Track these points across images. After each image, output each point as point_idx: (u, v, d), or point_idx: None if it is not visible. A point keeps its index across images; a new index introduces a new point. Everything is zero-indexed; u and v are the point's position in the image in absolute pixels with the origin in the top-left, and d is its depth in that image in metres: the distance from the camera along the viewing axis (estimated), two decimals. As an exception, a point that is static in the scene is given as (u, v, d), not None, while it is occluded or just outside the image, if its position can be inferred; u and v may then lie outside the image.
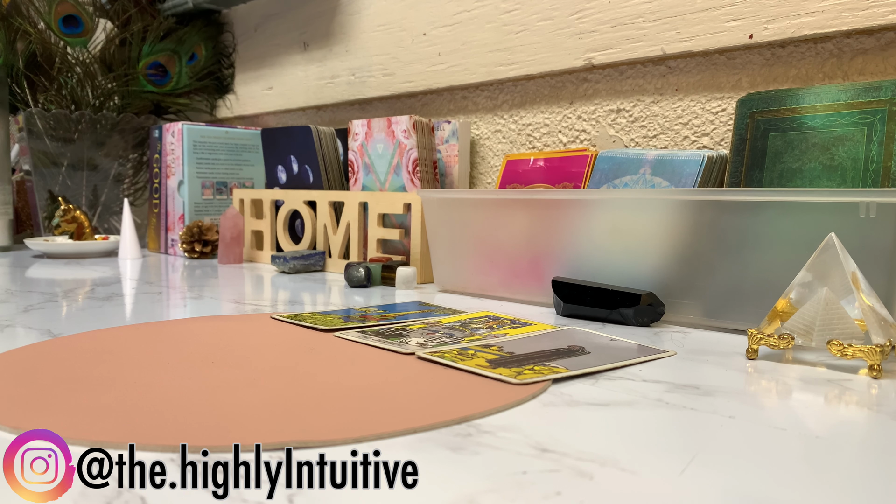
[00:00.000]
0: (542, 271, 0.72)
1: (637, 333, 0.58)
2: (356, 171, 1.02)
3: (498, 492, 0.27)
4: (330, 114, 1.36)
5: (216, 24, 1.56)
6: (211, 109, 1.62)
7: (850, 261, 0.48)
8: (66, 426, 0.33)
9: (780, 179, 0.69)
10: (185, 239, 1.17)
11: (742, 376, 0.45)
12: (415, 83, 1.14)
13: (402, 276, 0.84)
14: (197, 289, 0.82)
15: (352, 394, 0.39)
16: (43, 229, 1.37)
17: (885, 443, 0.34)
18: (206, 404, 0.37)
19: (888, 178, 0.63)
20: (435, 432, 0.34)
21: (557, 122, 0.98)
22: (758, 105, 0.72)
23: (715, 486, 0.28)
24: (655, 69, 0.88)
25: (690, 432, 0.35)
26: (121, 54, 1.43)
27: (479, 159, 1.09)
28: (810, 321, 0.48)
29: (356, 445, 0.32)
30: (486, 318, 0.63)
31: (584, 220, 0.68)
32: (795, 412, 0.38)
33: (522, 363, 0.46)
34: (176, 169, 1.24)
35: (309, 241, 1.05)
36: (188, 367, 0.45)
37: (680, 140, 0.86)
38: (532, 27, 0.97)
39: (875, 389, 0.42)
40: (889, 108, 0.64)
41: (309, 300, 0.75)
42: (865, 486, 0.29)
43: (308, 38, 1.35)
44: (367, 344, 0.52)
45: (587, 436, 0.34)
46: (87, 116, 1.37)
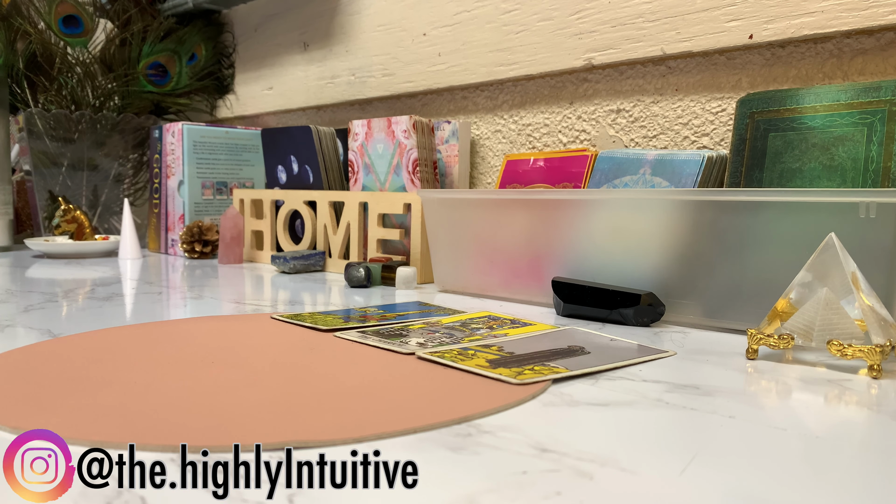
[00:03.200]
0: (542, 271, 0.72)
1: (637, 333, 0.58)
2: (356, 171, 1.02)
3: (498, 492, 0.27)
4: (330, 114, 1.36)
5: (216, 25, 1.56)
6: (211, 109, 1.62)
7: (850, 261, 0.48)
8: (66, 426, 0.33)
9: (780, 179, 0.69)
10: (186, 239, 1.17)
11: (742, 376, 0.45)
12: (415, 83, 1.14)
13: (402, 276, 0.84)
14: (197, 289, 0.82)
15: (352, 394, 0.39)
16: (43, 229, 1.37)
17: (885, 443, 0.34)
18: (206, 404, 0.37)
19: (888, 178, 0.63)
20: (435, 432, 0.34)
21: (557, 122, 0.98)
22: (758, 105, 0.72)
23: (715, 486, 0.28)
24: (655, 69, 0.88)
25: (690, 432, 0.35)
26: (121, 54, 1.43)
27: (479, 159, 1.09)
28: (810, 321, 0.48)
29: (356, 445, 0.32)
30: (486, 318, 0.63)
31: (584, 220, 0.68)
32: (795, 412, 0.38)
33: (522, 363, 0.46)
34: (176, 169, 1.24)
35: (309, 241, 1.05)
36: (188, 367, 0.45)
37: (680, 140, 0.86)
38: (532, 27, 0.97)
39: (875, 389, 0.42)
40: (889, 108, 0.64)
41: (309, 300, 0.75)
42: (865, 486, 0.29)
43: (308, 39, 1.35)
44: (367, 344, 0.52)
45: (587, 436, 0.34)
46: (87, 116, 1.37)
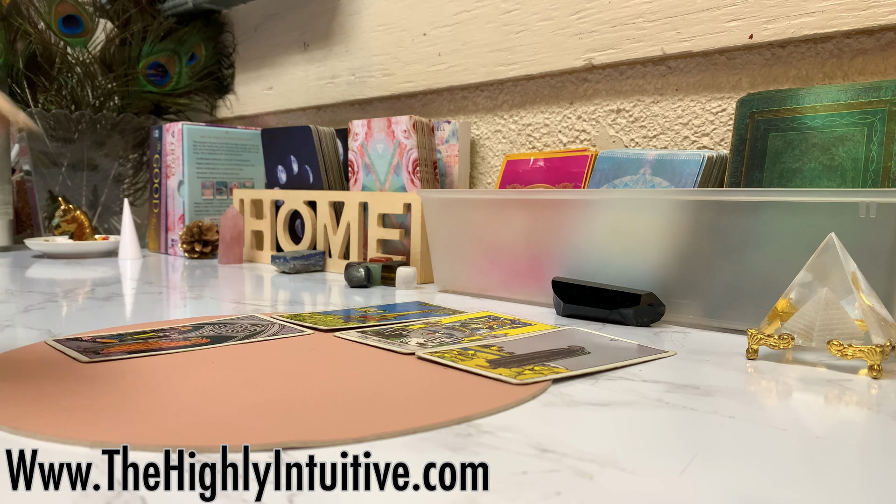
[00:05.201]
0: (542, 271, 0.72)
1: (637, 333, 0.58)
2: (356, 171, 1.02)
3: (498, 492, 0.27)
4: (330, 114, 1.36)
5: (216, 24, 1.56)
6: (211, 109, 1.62)
7: (850, 261, 0.48)
8: (66, 426, 0.33)
9: (780, 179, 0.69)
10: (185, 239, 1.17)
11: (742, 376, 0.45)
12: (415, 83, 1.14)
13: (402, 276, 0.84)
14: (197, 289, 0.82)
15: (352, 394, 0.39)
16: (43, 229, 1.37)
17: (885, 443, 0.34)
18: (206, 404, 0.37)
19: (888, 178, 0.63)
20: (435, 432, 0.34)
21: (557, 122, 0.98)
22: (758, 105, 0.72)
23: (715, 487, 0.28)
24: (655, 69, 0.88)
25: (690, 432, 0.35)
26: (121, 54, 1.43)
27: (479, 159, 1.09)
28: (810, 321, 0.48)
29: (356, 445, 0.32)
30: (486, 319, 0.63)
31: (584, 220, 0.68)
32: (795, 412, 0.38)
33: (522, 363, 0.46)
34: (176, 169, 1.24)
35: (309, 241, 1.05)
36: (188, 367, 0.45)
37: (680, 140, 0.86)
38: (532, 27, 0.97)
39: (875, 389, 0.42)
40: (889, 108, 0.64)
41: (309, 300, 0.75)
42: (865, 486, 0.29)
43: (308, 38, 1.35)
44: (367, 344, 0.52)
45: (587, 436, 0.34)
46: (87, 116, 1.37)
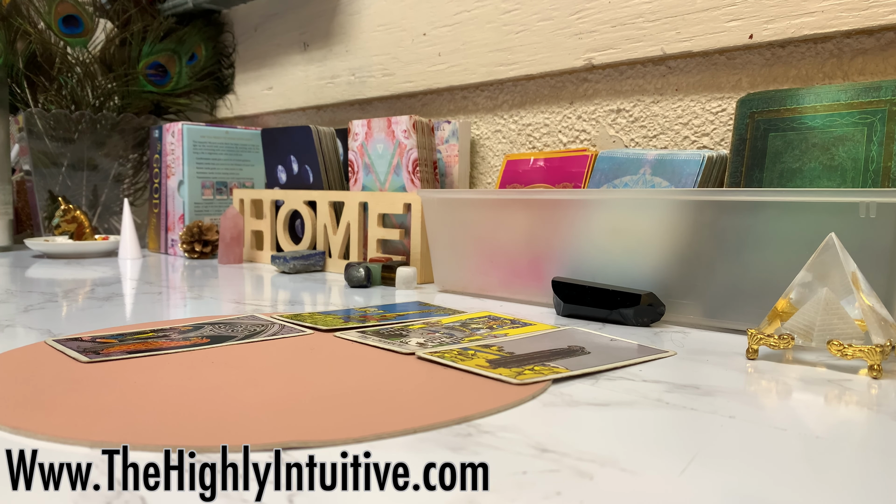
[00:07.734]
0: (542, 271, 0.72)
1: (637, 333, 0.58)
2: (356, 171, 1.02)
3: (498, 492, 0.27)
4: (330, 114, 1.36)
5: (216, 24, 1.56)
6: (211, 109, 1.62)
7: (850, 261, 0.48)
8: (66, 426, 0.33)
9: (780, 179, 0.69)
10: (185, 239, 1.17)
11: (742, 376, 0.45)
12: (415, 83, 1.14)
13: (402, 276, 0.84)
14: (197, 289, 0.82)
15: (352, 394, 0.39)
16: (43, 229, 1.37)
17: (885, 443, 0.34)
18: (206, 404, 0.37)
19: (888, 178, 0.63)
20: (435, 432, 0.34)
21: (557, 122, 0.98)
22: (758, 105, 0.72)
23: (715, 487, 0.28)
24: (655, 69, 0.88)
25: (690, 432, 0.35)
26: (121, 54, 1.43)
27: (479, 159, 1.09)
28: (810, 321, 0.48)
29: (356, 445, 0.32)
30: (486, 319, 0.63)
31: (584, 220, 0.68)
32: (795, 412, 0.38)
33: (522, 363, 0.46)
34: (176, 169, 1.24)
35: (309, 241, 1.05)
36: (188, 367, 0.45)
37: (680, 140, 0.86)
38: (532, 27, 0.97)
39: (875, 389, 0.42)
40: (889, 108, 0.64)
41: (309, 300, 0.75)
42: (865, 486, 0.29)
43: (308, 38, 1.35)
44: (367, 344, 0.52)
45: (587, 436, 0.34)
46: (87, 116, 1.37)
